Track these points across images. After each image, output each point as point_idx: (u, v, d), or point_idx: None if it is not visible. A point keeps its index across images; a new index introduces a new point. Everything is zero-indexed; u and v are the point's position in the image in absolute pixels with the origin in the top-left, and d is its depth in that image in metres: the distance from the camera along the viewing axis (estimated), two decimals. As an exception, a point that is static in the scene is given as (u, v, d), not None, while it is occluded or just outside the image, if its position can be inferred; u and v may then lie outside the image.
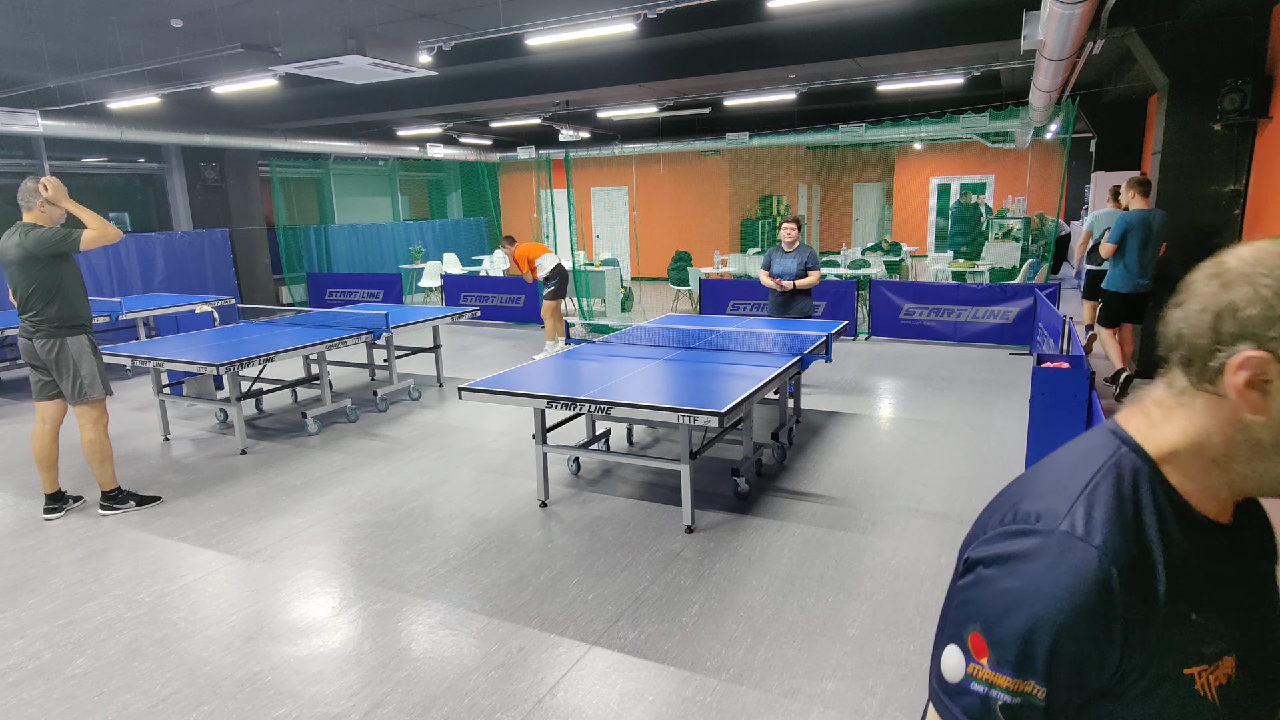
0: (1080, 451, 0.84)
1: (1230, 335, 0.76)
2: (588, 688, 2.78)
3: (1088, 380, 3.83)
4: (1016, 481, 0.86)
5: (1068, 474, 0.81)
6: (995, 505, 0.85)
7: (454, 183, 18.85)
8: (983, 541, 0.81)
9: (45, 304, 4.19)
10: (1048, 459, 0.86)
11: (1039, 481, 0.82)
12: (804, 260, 6.47)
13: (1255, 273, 0.76)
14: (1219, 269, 0.81)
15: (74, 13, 6.84)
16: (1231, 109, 5.93)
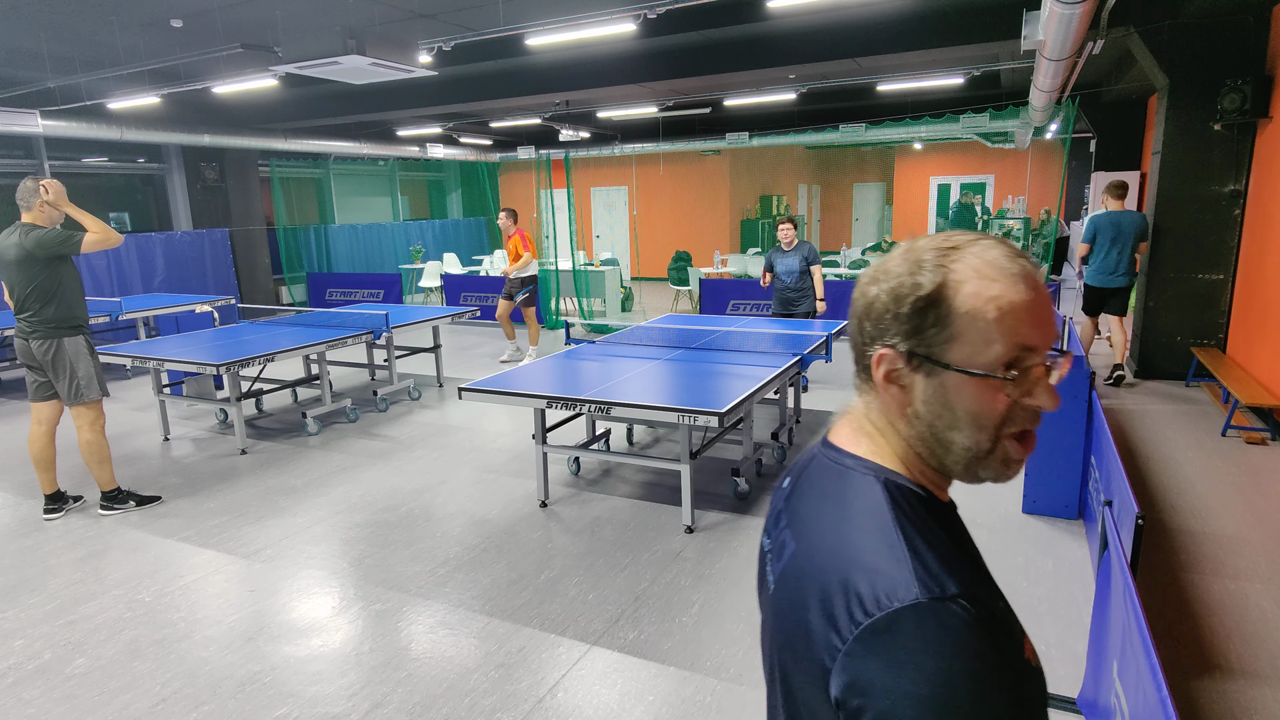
0: (858, 508, 0.79)
1: (869, 335, 0.81)
2: (588, 688, 2.78)
3: (1088, 380, 3.83)
4: (810, 572, 0.77)
5: (874, 537, 0.75)
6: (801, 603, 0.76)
7: (454, 183, 18.85)
8: (847, 655, 0.69)
9: (43, 304, 4.18)
10: (829, 531, 0.79)
11: (850, 560, 0.74)
12: (805, 256, 6.53)
13: (880, 274, 0.80)
14: (867, 275, 0.84)
15: (74, 13, 6.84)
16: (1231, 109, 5.93)
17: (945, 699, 0.64)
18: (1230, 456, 4.96)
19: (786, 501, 0.92)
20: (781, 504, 0.94)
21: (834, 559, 0.75)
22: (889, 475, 0.81)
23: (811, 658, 0.74)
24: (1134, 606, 1.84)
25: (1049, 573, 3.52)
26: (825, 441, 0.90)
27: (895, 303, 0.78)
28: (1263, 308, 5.76)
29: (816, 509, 0.83)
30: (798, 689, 0.78)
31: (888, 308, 0.79)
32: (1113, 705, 2.03)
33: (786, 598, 0.80)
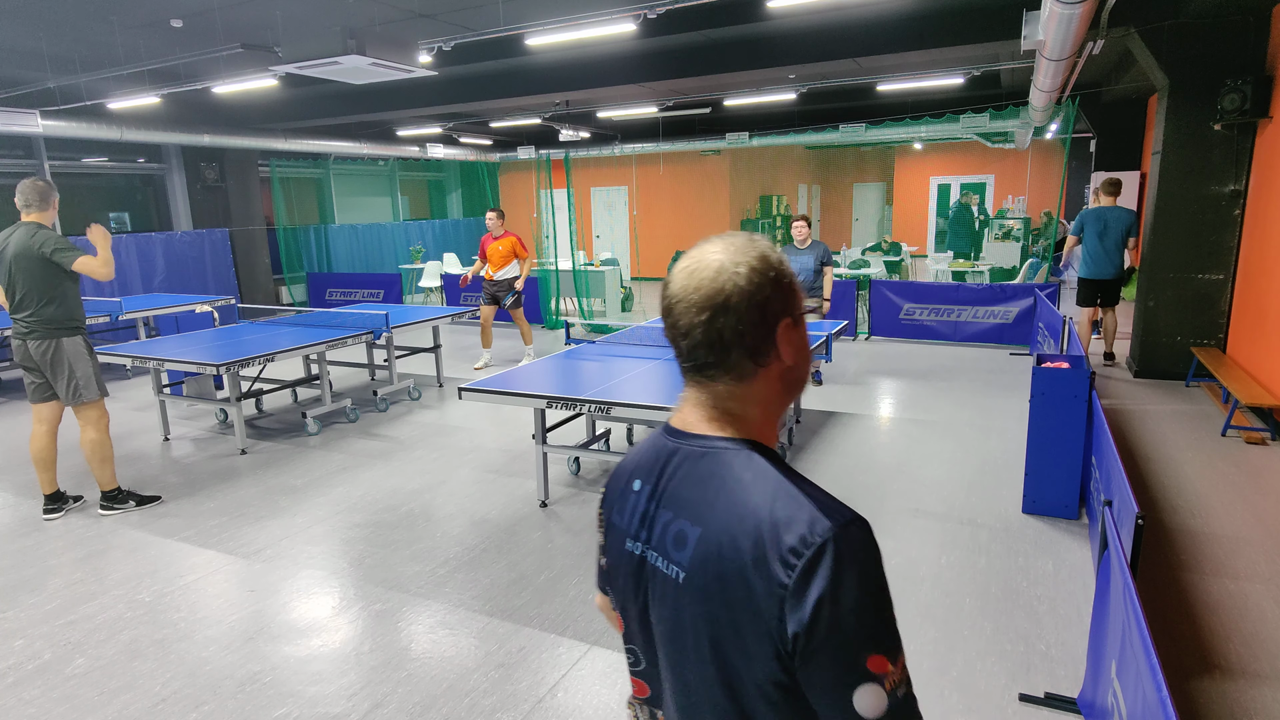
0: (749, 478, 0.89)
1: (751, 321, 0.91)
2: (588, 688, 2.78)
3: (1088, 380, 3.83)
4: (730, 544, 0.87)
5: (774, 495, 0.86)
6: (732, 574, 0.86)
7: (454, 183, 18.85)
8: (794, 595, 0.81)
9: (42, 304, 4.18)
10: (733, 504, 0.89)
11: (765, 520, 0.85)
12: (819, 256, 6.54)
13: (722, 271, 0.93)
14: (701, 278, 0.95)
15: (74, 13, 6.84)
16: (1231, 109, 5.93)
17: (873, 594, 0.81)
18: (1230, 456, 4.96)
19: (655, 500, 0.99)
20: (646, 504, 1.00)
21: (750, 525, 0.86)
22: (756, 445, 0.93)
23: (759, 614, 0.84)
24: (1134, 606, 1.84)
25: (1049, 573, 3.52)
26: (675, 433, 0.99)
27: (769, 284, 0.92)
28: (1263, 308, 5.76)
29: (708, 492, 0.92)
30: (737, 656, 0.87)
31: (760, 290, 0.91)
32: (1112, 705, 2.03)
33: (710, 576, 0.88)
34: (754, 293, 0.91)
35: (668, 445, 1.00)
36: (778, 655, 0.83)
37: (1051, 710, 2.60)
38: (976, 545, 3.82)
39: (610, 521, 1.07)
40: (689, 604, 0.92)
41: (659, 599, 0.98)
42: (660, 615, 0.98)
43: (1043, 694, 2.67)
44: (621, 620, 1.09)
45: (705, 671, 0.92)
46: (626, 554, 1.03)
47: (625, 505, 1.04)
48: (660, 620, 0.98)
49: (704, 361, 0.94)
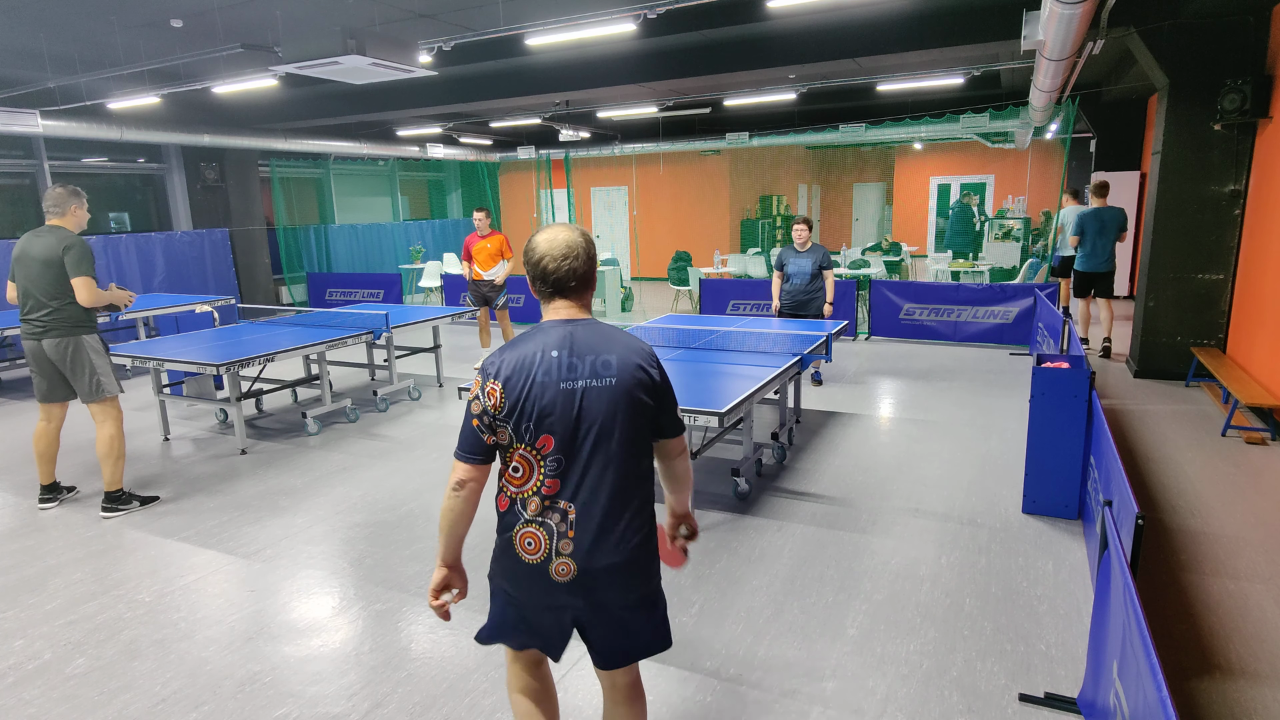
0: (621, 334, 1.88)
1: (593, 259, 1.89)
2: (588, 688, 2.78)
3: (1088, 380, 3.83)
4: (630, 361, 1.84)
5: (625, 339, 1.87)
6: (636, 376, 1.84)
7: (454, 183, 18.85)
8: (657, 374, 1.88)
9: (62, 303, 4.24)
10: (622, 344, 1.86)
11: (638, 350, 1.86)
12: (818, 260, 6.52)
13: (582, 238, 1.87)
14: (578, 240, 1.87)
15: (74, 13, 6.84)
16: (1231, 109, 5.93)
17: (667, 380, 1.92)
18: (1230, 456, 4.96)
19: (574, 354, 1.80)
20: (569, 359, 1.80)
21: (634, 349, 1.85)
22: (599, 320, 1.88)
23: (646, 389, 1.83)
24: (1134, 606, 1.84)
25: (1049, 573, 3.52)
26: (566, 321, 1.85)
27: (591, 245, 1.87)
28: (1263, 308, 5.76)
29: (607, 339, 1.85)
30: (634, 420, 1.82)
31: (589, 247, 1.86)
32: (1112, 705, 2.03)
33: (628, 376, 1.82)
34: (588, 247, 1.86)
35: (565, 327, 1.84)
36: (655, 405, 1.87)
37: (1051, 710, 2.60)
38: (976, 545, 3.82)
39: (532, 385, 1.77)
40: (621, 394, 1.81)
41: (593, 404, 1.79)
42: (595, 413, 1.79)
43: (1043, 694, 2.67)
44: (552, 442, 1.78)
45: (624, 428, 1.82)
46: (563, 391, 1.78)
47: (548, 368, 1.79)
48: (594, 416, 1.79)
49: (570, 285, 1.86)
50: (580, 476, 1.78)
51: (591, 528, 1.78)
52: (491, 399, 1.78)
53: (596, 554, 1.79)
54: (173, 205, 12.81)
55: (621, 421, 1.79)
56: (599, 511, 1.79)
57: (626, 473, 1.81)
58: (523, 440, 1.78)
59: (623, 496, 1.81)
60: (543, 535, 1.79)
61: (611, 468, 1.79)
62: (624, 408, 1.79)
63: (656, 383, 1.85)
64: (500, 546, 1.87)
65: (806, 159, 18.83)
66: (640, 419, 1.83)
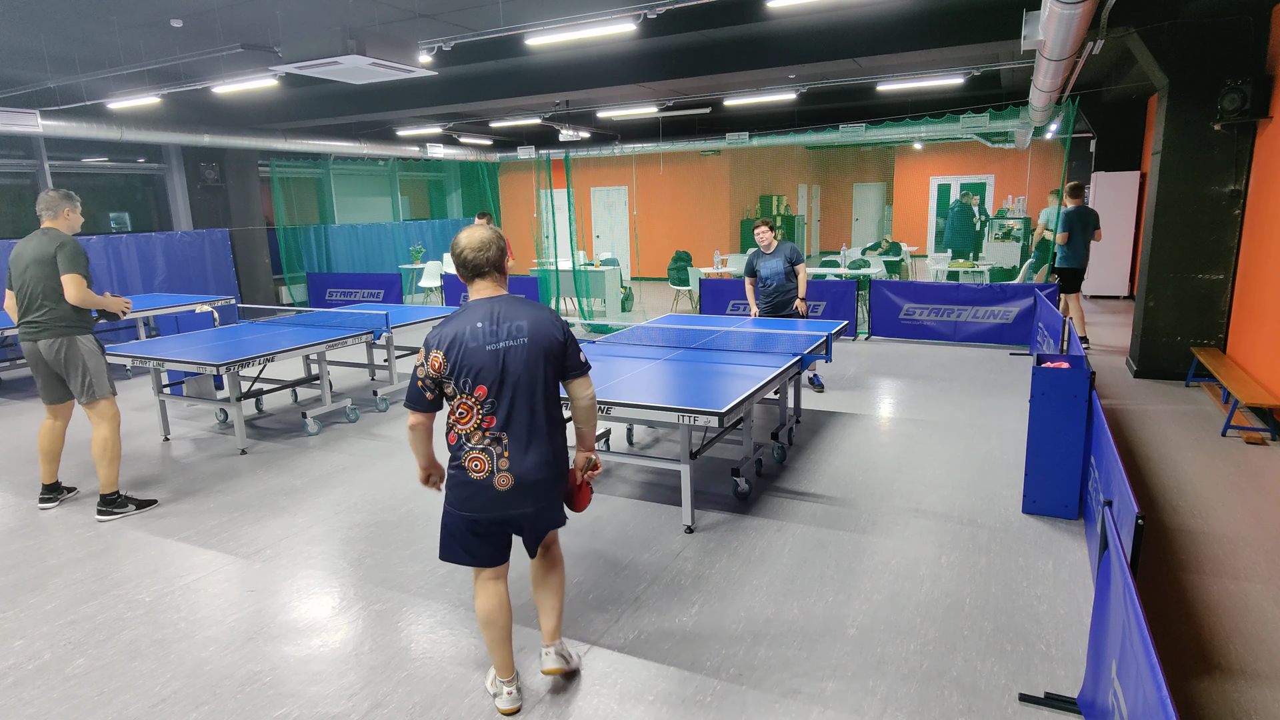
0: (537, 306, 2.50)
1: (503, 250, 2.53)
2: (587, 688, 2.78)
3: (1088, 380, 3.83)
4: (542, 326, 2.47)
5: (534, 308, 2.49)
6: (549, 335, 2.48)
7: (454, 183, 18.85)
8: (560, 332, 2.51)
9: (57, 303, 4.25)
10: (537, 314, 2.49)
11: (551, 318, 2.51)
12: (788, 257, 6.51)
13: (492, 233, 2.51)
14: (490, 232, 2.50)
15: (74, 13, 6.84)
16: (1231, 109, 5.93)
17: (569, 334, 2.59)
18: (1230, 456, 4.96)
19: (496, 323, 2.42)
20: (494, 326, 2.42)
21: (545, 316, 2.50)
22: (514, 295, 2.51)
23: (552, 344, 2.49)
24: (1134, 606, 1.84)
25: (1049, 573, 3.52)
26: (489, 299, 2.46)
27: (501, 239, 2.52)
28: (1263, 308, 5.76)
29: (522, 310, 2.47)
30: (544, 369, 2.47)
31: (499, 240, 2.51)
32: (1112, 705, 2.03)
33: (536, 337, 2.45)
34: (498, 242, 2.49)
35: (488, 304, 2.46)
36: (561, 355, 2.51)
37: (1051, 710, 2.60)
38: (976, 545, 3.82)
39: (465, 352, 2.40)
40: (534, 350, 2.44)
41: (513, 360, 2.42)
42: (515, 366, 2.42)
43: (1043, 694, 2.67)
44: (485, 390, 2.42)
45: (535, 377, 2.44)
46: (489, 353, 2.40)
47: (476, 336, 2.41)
48: (515, 368, 2.42)
49: (485, 271, 2.48)
50: (509, 413, 2.44)
51: (521, 450, 2.46)
52: (434, 365, 2.43)
53: (526, 469, 2.47)
54: (173, 205, 12.81)
55: (535, 371, 2.46)
56: (525, 437, 2.46)
57: (542, 409, 2.49)
58: (462, 391, 2.43)
59: (541, 426, 2.49)
60: (485, 458, 2.45)
61: (531, 406, 2.46)
62: (536, 360, 2.46)
63: (560, 339, 2.52)
64: (452, 476, 2.51)
65: (806, 159, 18.83)
66: (549, 368, 2.50)
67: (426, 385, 2.45)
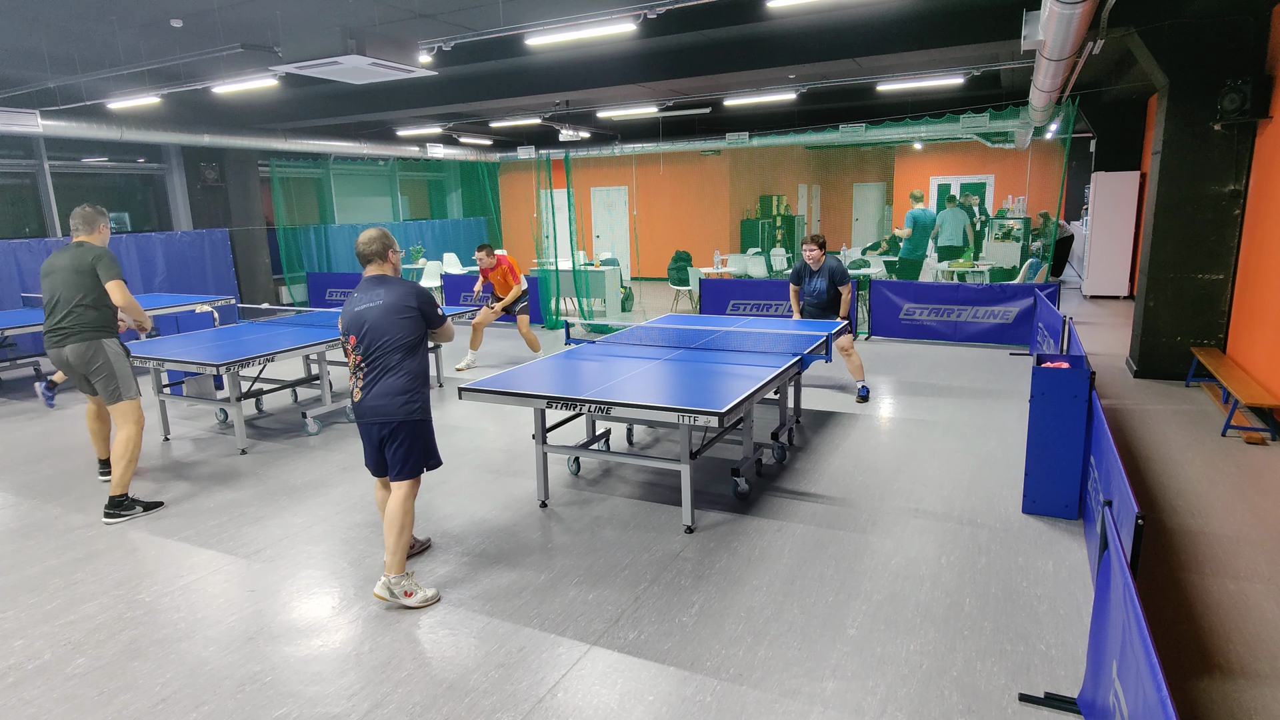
0: (398, 280, 3.48)
1: (389, 244, 3.52)
2: (588, 688, 2.78)
3: (1088, 380, 3.83)
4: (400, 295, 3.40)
5: (401, 284, 3.45)
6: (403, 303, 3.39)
7: (454, 183, 18.85)
8: (414, 300, 3.41)
9: (84, 309, 4.42)
10: (395, 287, 3.43)
11: (408, 288, 3.43)
12: (830, 278, 6.45)
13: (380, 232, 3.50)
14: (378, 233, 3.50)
15: (74, 13, 6.84)
16: (1231, 109, 5.93)
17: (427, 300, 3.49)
18: (1230, 456, 4.96)
19: (363, 294, 3.40)
20: (362, 295, 3.40)
21: (400, 291, 3.41)
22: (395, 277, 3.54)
23: (404, 308, 3.38)
24: (1134, 606, 1.84)
25: (1049, 573, 3.52)
26: (372, 278, 3.45)
27: (387, 237, 3.50)
28: (1263, 308, 5.76)
29: (389, 284, 3.42)
30: (394, 325, 3.37)
31: (387, 238, 3.50)
32: (1112, 705, 2.03)
33: (390, 303, 3.37)
34: (381, 238, 3.47)
35: (370, 281, 3.43)
36: (416, 313, 3.42)
37: (1051, 710, 2.60)
38: (976, 545, 3.82)
39: (347, 314, 3.40)
40: (385, 310, 3.36)
41: (370, 316, 3.35)
42: (372, 323, 3.35)
43: (1043, 694, 2.67)
44: (355, 339, 3.37)
45: (386, 329, 3.36)
46: (356, 313, 3.37)
47: (353, 303, 3.39)
48: (373, 322, 3.35)
49: (371, 259, 3.46)
50: (368, 352, 3.36)
51: (373, 380, 3.36)
52: (339, 325, 3.43)
53: (371, 395, 3.36)
54: (173, 205, 12.81)
55: (385, 326, 3.34)
56: (378, 372, 3.35)
57: (388, 353, 3.35)
58: (348, 341, 3.40)
59: (389, 366, 3.35)
60: (355, 380, 3.41)
61: (382, 350, 3.35)
62: (387, 318, 3.34)
63: (414, 305, 3.39)
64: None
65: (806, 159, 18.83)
66: (399, 323, 3.35)
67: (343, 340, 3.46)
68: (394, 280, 3.42)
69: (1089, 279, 11.73)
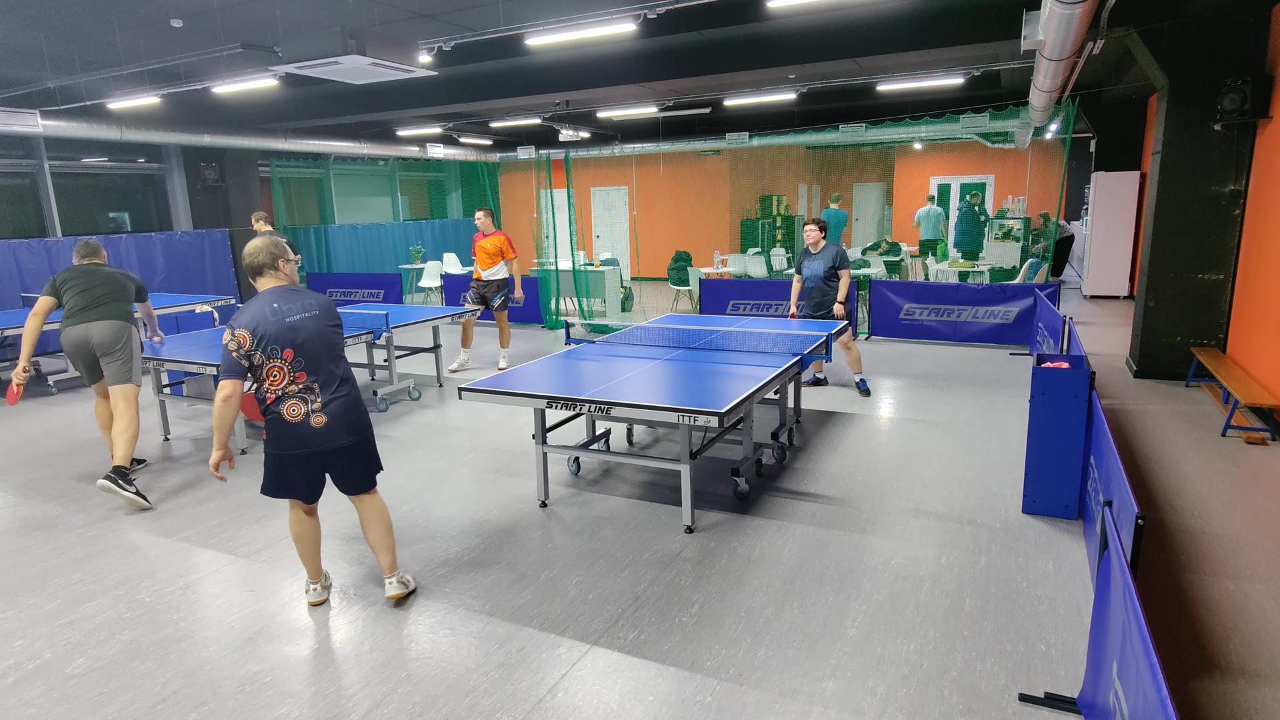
0: (303, 289, 3.23)
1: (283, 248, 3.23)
2: (588, 688, 2.78)
3: (1088, 380, 3.83)
4: (324, 306, 3.25)
5: (312, 294, 3.24)
6: (331, 311, 3.27)
7: (454, 183, 18.85)
8: (334, 314, 3.26)
9: (121, 303, 4.94)
10: (317, 298, 3.26)
11: (315, 299, 3.23)
12: (830, 261, 6.47)
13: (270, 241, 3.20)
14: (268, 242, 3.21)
15: (74, 13, 6.84)
16: (1231, 109, 5.93)
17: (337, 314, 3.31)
18: (1230, 456, 4.96)
19: (284, 304, 3.11)
20: (287, 307, 3.11)
21: (328, 301, 3.27)
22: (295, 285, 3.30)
23: (331, 319, 3.25)
24: (1134, 606, 1.84)
25: (1049, 573, 3.52)
26: (274, 289, 3.16)
27: (276, 244, 3.18)
28: (1263, 308, 5.76)
29: (303, 294, 3.20)
30: (328, 334, 3.20)
31: (269, 251, 3.17)
32: (1112, 705, 2.03)
33: (323, 314, 3.21)
34: (268, 248, 3.16)
35: (274, 292, 3.14)
36: (334, 327, 3.25)
37: (1051, 710, 2.60)
38: (976, 545, 3.82)
39: (271, 326, 3.03)
40: (319, 320, 3.19)
41: (307, 327, 3.12)
42: (310, 334, 3.12)
43: (1043, 694, 2.67)
44: (292, 353, 3.06)
45: (323, 338, 3.18)
46: (286, 325, 3.07)
47: (277, 317, 3.06)
48: (310, 333, 3.12)
49: (261, 271, 3.18)
50: (314, 366, 3.12)
51: (330, 394, 3.14)
52: (243, 342, 3.00)
53: (334, 409, 3.14)
54: (173, 205, 12.81)
55: (322, 335, 3.17)
56: (331, 384, 3.16)
57: (333, 362, 3.19)
58: (270, 357, 3.04)
59: (338, 375, 3.20)
60: (300, 404, 3.09)
61: (327, 360, 3.17)
62: (322, 327, 3.18)
63: (338, 318, 3.29)
64: (271, 422, 3.10)
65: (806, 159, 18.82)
66: (334, 332, 3.23)
67: (240, 356, 3.01)
68: (308, 290, 3.23)
69: (1089, 279, 11.73)
